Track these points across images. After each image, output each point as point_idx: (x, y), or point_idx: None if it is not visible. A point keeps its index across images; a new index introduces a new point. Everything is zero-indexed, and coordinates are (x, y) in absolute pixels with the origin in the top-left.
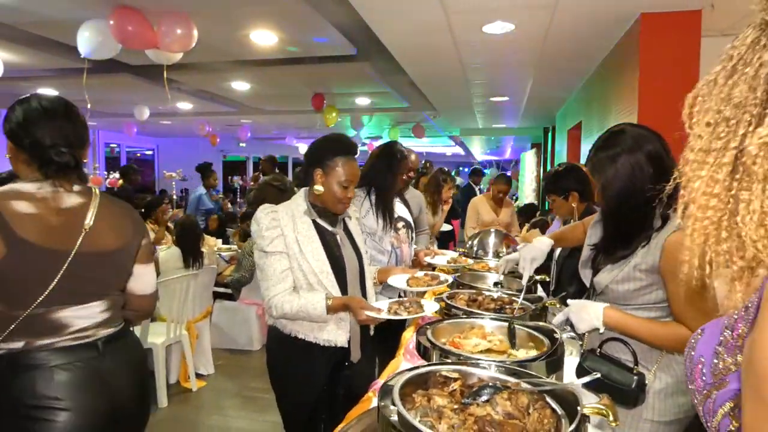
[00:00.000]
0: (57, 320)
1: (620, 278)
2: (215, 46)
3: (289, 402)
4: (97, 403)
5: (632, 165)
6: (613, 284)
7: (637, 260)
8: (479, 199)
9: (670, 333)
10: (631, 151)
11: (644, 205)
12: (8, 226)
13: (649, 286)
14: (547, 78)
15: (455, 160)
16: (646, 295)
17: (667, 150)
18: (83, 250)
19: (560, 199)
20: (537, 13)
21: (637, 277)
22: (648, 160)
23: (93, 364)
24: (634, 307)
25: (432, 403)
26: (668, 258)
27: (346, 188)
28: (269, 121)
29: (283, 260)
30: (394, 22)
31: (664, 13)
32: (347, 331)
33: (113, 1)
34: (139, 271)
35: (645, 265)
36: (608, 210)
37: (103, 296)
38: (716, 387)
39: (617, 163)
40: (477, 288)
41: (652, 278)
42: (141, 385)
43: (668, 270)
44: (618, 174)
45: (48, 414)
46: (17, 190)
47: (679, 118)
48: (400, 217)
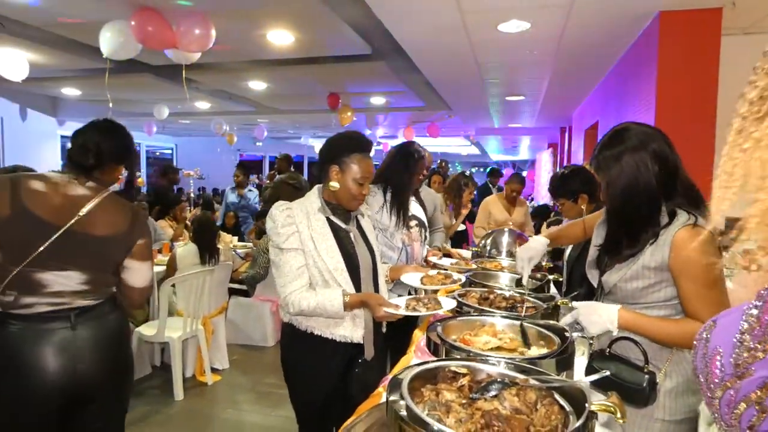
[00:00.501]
0: (39, 280)
1: (628, 276)
2: (233, 45)
3: (303, 397)
4: (56, 368)
5: (636, 163)
6: (622, 282)
7: (646, 258)
8: (492, 198)
9: (685, 330)
10: (635, 149)
11: (649, 203)
12: (19, 196)
13: (658, 284)
14: (563, 77)
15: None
16: (655, 293)
17: (671, 147)
18: (72, 229)
19: (569, 202)
20: (553, 11)
21: (645, 275)
22: (652, 158)
23: (62, 334)
24: (642, 305)
25: (440, 397)
26: (677, 254)
27: (361, 185)
28: (285, 120)
29: (298, 257)
30: (409, 22)
31: (684, 11)
32: (362, 327)
33: (134, 3)
34: (132, 266)
35: (654, 263)
36: (613, 208)
37: (83, 270)
38: (739, 377)
39: (621, 161)
40: (489, 286)
41: (662, 276)
42: (115, 361)
43: (678, 266)
44: (623, 172)
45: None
46: (43, 175)
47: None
48: (413, 215)
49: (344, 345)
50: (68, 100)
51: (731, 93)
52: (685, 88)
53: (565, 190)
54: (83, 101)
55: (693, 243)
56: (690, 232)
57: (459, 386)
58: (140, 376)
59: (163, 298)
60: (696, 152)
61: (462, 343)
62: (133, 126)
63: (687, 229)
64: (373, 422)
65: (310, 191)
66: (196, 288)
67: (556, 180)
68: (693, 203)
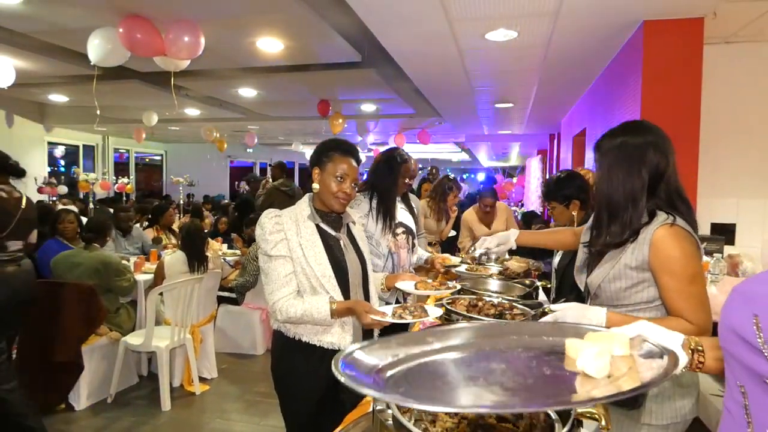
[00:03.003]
0: (7, 245)
1: (611, 276)
2: (222, 53)
3: (292, 405)
4: (14, 282)
5: (634, 154)
6: (605, 283)
7: (627, 256)
8: (470, 214)
9: (673, 327)
10: (636, 142)
11: (632, 194)
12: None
13: (640, 284)
14: (551, 85)
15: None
16: (638, 294)
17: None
18: (20, 217)
19: (561, 206)
20: (539, 20)
21: (627, 275)
22: (650, 155)
23: (9, 270)
24: (627, 308)
25: None
26: (657, 251)
27: (340, 182)
28: (276, 126)
29: (286, 264)
30: (398, 30)
31: (667, 20)
32: (351, 335)
33: (122, 10)
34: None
35: (635, 262)
36: (599, 191)
37: (22, 240)
38: None
39: (620, 150)
40: (479, 293)
41: (643, 275)
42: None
43: (658, 263)
44: (617, 161)
45: None
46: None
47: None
48: (400, 222)
49: (333, 352)
50: (56, 106)
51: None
52: (669, 95)
53: (558, 194)
54: (71, 107)
55: (671, 241)
56: (668, 230)
57: None
58: (127, 386)
59: (151, 306)
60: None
61: None
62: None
63: (665, 227)
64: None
65: (301, 199)
66: (184, 296)
67: (551, 183)
68: (675, 204)
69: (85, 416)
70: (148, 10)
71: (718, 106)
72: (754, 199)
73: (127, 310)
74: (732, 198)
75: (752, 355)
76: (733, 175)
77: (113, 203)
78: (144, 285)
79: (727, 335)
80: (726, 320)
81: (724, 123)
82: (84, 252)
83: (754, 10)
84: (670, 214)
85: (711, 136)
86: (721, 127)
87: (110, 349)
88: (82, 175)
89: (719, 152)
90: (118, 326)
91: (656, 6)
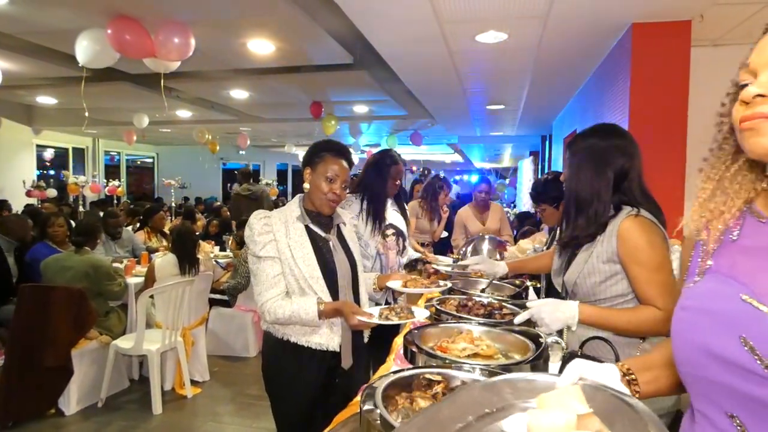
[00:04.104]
0: None
1: (586, 272)
2: (213, 54)
3: (282, 406)
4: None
5: (600, 153)
6: (580, 279)
7: (598, 250)
8: (465, 210)
9: (640, 316)
10: (602, 143)
11: (597, 189)
12: None
13: (612, 277)
14: (542, 86)
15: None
16: (612, 287)
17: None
18: None
19: (551, 207)
20: (529, 22)
21: (600, 269)
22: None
23: None
24: (604, 302)
25: (414, 405)
26: (624, 242)
27: (331, 182)
28: (268, 128)
29: (275, 265)
30: (388, 32)
31: (655, 23)
32: (340, 336)
33: (112, 11)
34: None
35: (606, 255)
36: (567, 186)
37: None
38: None
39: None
40: (469, 294)
41: (614, 268)
42: None
43: (625, 253)
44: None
45: None
46: None
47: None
48: (391, 224)
49: (321, 353)
50: (44, 108)
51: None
52: (658, 97)
53: (546, 196)
54: (60, 110)
55: (637, 231)
56: (633, 220)
57: (433, 393)
58: (117, 390)
59: (141, 309)
60: (668, 159)
61: (439, 351)
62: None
63: (630, 218)
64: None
65: (292, 200)
66: (175, 299)
67: (538, 186)
68: (635, 202)
69: (75, 421)
70: (137, 11)
71: (706, 108)
72: None
73: (118, 313)
74: None
75: (747, 382)
76: None
77: (104, 206)
78: (135, 288)
79: (698, 359)
80: (692, 342)
81: (711, 124)
82: (74, 256)
83: (741, 14)
84: (634, 207)
85: (698, 137)
86: (708, 128)
87: (100, 353)
88: (71, 177)
89: (707, 152)
90: (108, 330)
91: (645, 9)
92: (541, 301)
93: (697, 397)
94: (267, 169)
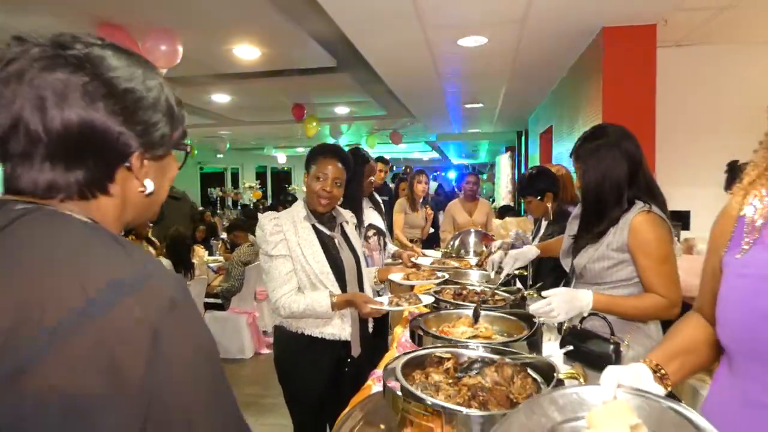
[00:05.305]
0: None
1: (595, 258)
2: (198, 60)
3: (298, 396)
4: None
5: (610, 156)
6: (590, 263)
7: (609, 239)
8: (454, 203)
9: (646, 303)
10: (610, 145)
11: (617, 189)
12: None
13: (620, 264)
14: (519, 86)
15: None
16: (618, 272)
17: (638, 147)
18: None
19: (536, 200)
20: (507, 27)
21: (609, 256)
22: (623, 154)
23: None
24: (609, 285)
25: (429, 379)
26: (635, 235)
27: (321, 181)
28: (248, 131)
29: (287, 263)
30: (374, 37)
31: (624, 26)
32: (350, 325)
33: (97, 18)
34: None
35: (616, 244)
36: (587, 192)
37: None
38: None
39: (598, 153)
40: (461, 283)
41: (622, 256)
42: None
43: (635, 245)
44: (598, 163)
45: None
46: None
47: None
48: (371, 225)
49: (333, 343)
50: None
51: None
52: (628, 94)
53: (532, 189)
54: None
55: (647, 226)
56: (645, 216)
57: (445, 369)
58: None
59: None
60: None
61: (442, 335)
62: None
63: (642, 214)
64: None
65: (297, 202)
66: None
67: (524, 179)
68: (649, 194)
69: None
70: (123, 17)
71: (672, 104)
72: (707, 188)
73: None
74: (686, 188)
75: None
76: (686, 167)
77: None
78: None
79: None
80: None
81: (677, 119)
82: None
83: (701, 17)
84: (646, 203)
85: (666, 131)
86: (675, 122)
87: None
88: None
89: (674, 146)
90: None
91: (614, 14)
92: (556, 290)
93: (758, 362)
94: (246, 173)
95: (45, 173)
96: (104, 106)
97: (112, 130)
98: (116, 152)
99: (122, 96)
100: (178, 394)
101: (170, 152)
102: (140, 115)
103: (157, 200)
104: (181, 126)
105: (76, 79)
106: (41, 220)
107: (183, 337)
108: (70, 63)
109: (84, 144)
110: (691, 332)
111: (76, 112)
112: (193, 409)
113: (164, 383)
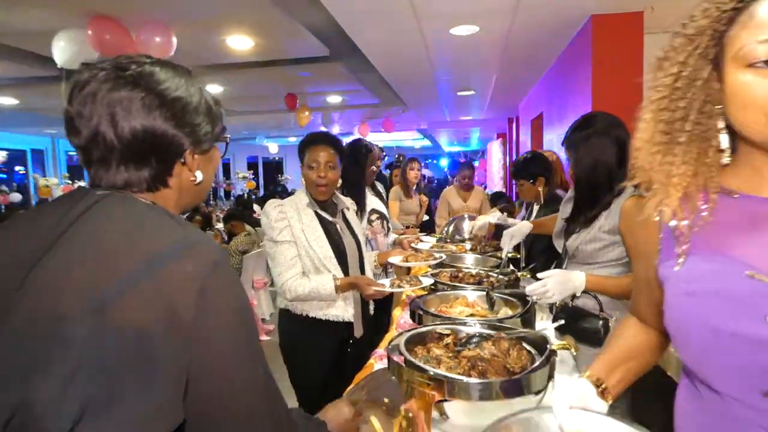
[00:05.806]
0: None
1: (588, 239)
2: (191, 51)
3: (302, 377)
4: None
5: (600, 144)
6: (583, 245)
7: (601, 222)
8: (449, 189)
9: None
10: (600, 133)
11: (609, 176)
12: None
13: (611, 245)
14: (510, 73)
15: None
16: (608, 253)
17: (629, 135)
18: None
19: (528, 183)
20: (498, 16)
21: (600, 238)
22: (613, 142)
23: None
24: (599, 264)
25: (431, 353)
26: (625, 218)
27: (314, 169)
28: (239, 121)
29: (291, 248)
30: (368, 26)
31: (611, 14)
32: (353, 307)
33: (90, 10)
34: None
35: (607, 227)
36: (579, 179)
37: None
38: None
39: (589, 141)
40: (458, 266)
41: (614, 238)
42: None
43: (626, 228)
44: (589, 151)
45: None
46: None
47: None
48: (374, 209)
49: (336, 324)
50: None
51: None
52: (616, 81)
53: (526, 173)
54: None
55: (637, 209)
56: (635, 200)
57: (445, 344)
58: None
59: None
60: None
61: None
62: None
63: (633, 198)
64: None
65: (299, 190)
66: None
67: (519, 163)
68: None
69: None
70: (116, 9)
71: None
72: None
73: None
74: None
75: None
76: None
77: None
78: None
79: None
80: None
81: None
82: None
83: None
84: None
85: None
86: None
87: None
88: (41, 180)
89: None
90: None
91: (602, 1)
92: (551, 272)
93: (720, 381)
94: (237, 163)
95: (121, 174)
96: (159, 114)
97: (168, 134)
98: (173, 151)
99: (172, 104)
100: (218, 341)
101: (214, 145)
102: (188, 119)
103: (206, 187)
104: (220, 122)
105: (135, 95)
106: (115, 202)
107: (224, 293)
108: (129, 82)
109: (148, 147)
110: (632, 338)
111: (140, 122)
112: (228, 353)
113: (208, 329)
